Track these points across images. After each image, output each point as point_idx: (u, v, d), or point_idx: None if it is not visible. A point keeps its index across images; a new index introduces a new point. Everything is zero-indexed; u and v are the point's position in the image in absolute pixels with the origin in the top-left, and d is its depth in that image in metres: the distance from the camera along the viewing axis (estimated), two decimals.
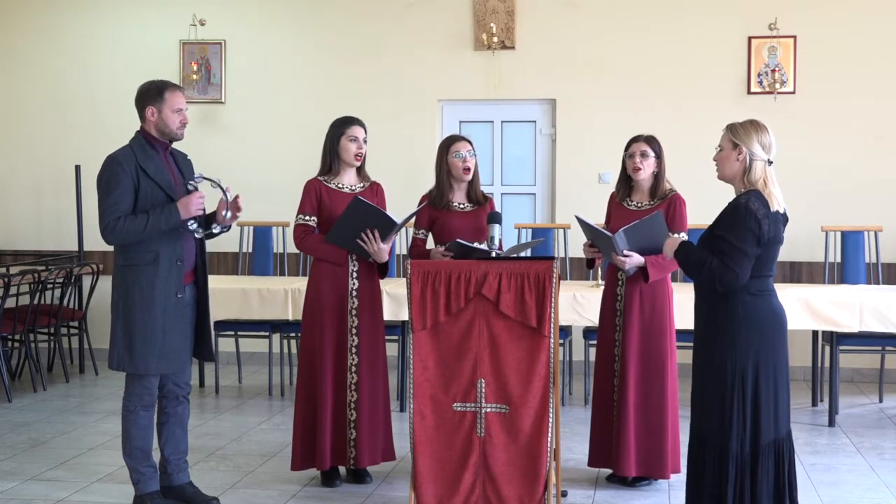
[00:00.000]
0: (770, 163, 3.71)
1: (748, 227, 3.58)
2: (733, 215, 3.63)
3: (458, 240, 4.67)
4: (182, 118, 4.36)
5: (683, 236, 4.67)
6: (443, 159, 4.96)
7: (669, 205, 4.79)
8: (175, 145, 4.47)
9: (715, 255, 3.62)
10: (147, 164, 4.29)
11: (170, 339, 4.32)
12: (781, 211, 3.68)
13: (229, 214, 4.40)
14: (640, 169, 4.83)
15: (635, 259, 4.63)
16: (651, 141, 4.86)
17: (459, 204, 4.99)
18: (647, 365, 4.78)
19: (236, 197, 4.39)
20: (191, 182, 4.37)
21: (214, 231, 4.48)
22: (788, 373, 3.76)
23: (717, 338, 3.70)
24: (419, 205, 5.00)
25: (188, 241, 4.39)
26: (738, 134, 3.70)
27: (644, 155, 4.82)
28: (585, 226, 4.69)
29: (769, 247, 3.66)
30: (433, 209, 4.97)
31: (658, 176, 4.85)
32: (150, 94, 4.32)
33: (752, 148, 3.68)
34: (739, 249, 3.57)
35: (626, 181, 4.93)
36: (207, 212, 4.42)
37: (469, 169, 4.95)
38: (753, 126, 3.72)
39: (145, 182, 4.27)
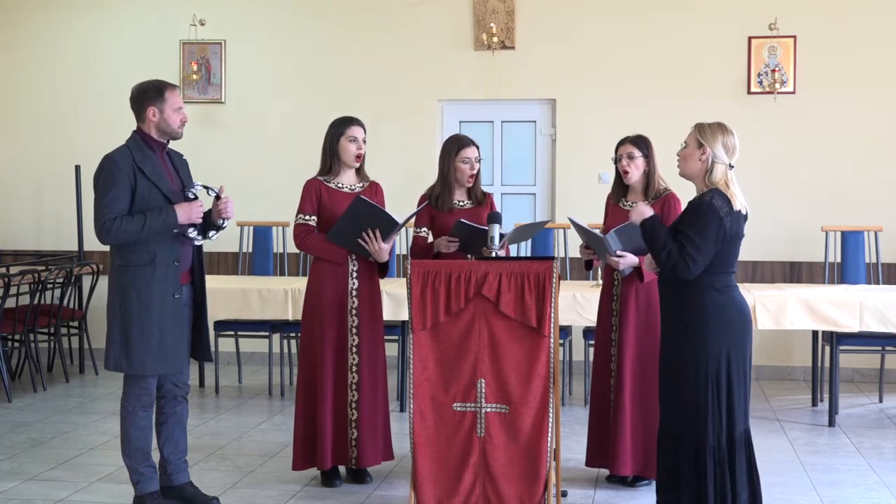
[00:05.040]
0: (731, 167, 3.80)
1: (710, 223, 3.69)
2: (697, 212, 3.73)
3: (462, 220, 4.71)
4: (182, 117, 4.37)
5: None
6: (450, 161, 4.94)
7: (664, 204, 4.79)
8: (175, 145, 4.47)
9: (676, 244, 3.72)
10: (144, 164, 4.28)
11: (167, 340, 4.31)
12: (744, 211, 3.80)
13: (221, 221, 4.41)
14: (628, 171, 4.84)
15: (629, 259, 4.64)
16: (637, 142, 4.86)
17: (459, 202, 4.99)
18: (644, 364, 4.78)
19: (226, 199, 4.38)
20: (191, 191, 4.38)
21: (211, 238, 4.49)
22: (752, 363, 3.89)
23: (687, 336, 3.78)
24: (419, 205, 5.00)
25: (185, 241, 4.39)
26: (705, 134, 3.81)
27: (630, 157, 4.83)
28: (578, 227, 4.71)
29: (731, 243, 3.77)
30: (433, 208, 4.97)
31: (649, 175, 4.85)
32: (150, 95, 4.32)
33: (715, 150, 3.78)
34: (698, 245, 3.68)
35: (621, 182, 4.95)
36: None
37: (474, 175, 4.95)
38: (721, 128, 3.83)
39: (142, 182, 4.26)
